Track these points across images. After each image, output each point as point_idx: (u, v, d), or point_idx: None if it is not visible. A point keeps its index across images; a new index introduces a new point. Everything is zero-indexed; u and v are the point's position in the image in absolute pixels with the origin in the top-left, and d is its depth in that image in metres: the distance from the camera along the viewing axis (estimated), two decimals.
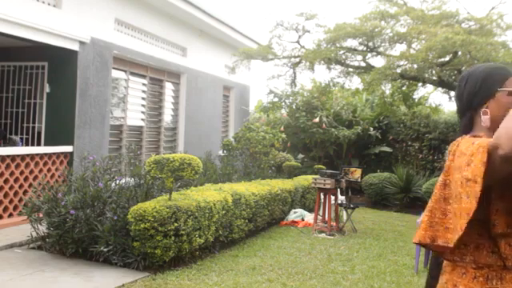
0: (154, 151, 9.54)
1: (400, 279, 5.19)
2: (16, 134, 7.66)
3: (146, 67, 9.32)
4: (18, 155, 6.51)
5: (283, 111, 13.16)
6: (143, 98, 9.32)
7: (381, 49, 10.25)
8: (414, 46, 9.96)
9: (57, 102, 7.43)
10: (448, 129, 11.69)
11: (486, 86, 1.69)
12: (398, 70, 9.59)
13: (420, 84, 10.80)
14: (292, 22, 10.65)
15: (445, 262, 1.68)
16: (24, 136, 7.65)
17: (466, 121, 1.74)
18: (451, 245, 1.52)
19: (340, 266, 5.57)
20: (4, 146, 7.27)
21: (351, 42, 10.19)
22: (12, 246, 5.58)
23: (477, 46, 8.19)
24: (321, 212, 7.92)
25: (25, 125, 7.69)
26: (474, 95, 1.71)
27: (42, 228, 5.59)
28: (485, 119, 1.68)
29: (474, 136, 1.65)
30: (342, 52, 10.13)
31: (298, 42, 10.85)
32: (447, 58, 9.40)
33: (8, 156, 6.35)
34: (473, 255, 1.58)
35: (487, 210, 1.54)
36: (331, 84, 11.69)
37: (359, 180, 7.97)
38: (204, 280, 4.81)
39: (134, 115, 9.08)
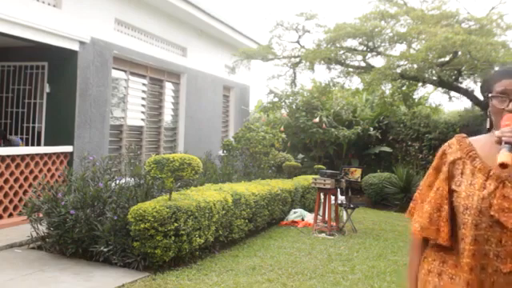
0: (154, 151, 9.54)
1: (400, 279, 5.19)
2: (16, 134, 7.66)
3: (146, 67, 9.32)
4: (18, 155, 6.51)
5: (283, 111, 13.15)
6: (143, 98, 9.32)
7: (381, 49, 10.24)
8: (414, 45, 9.96)
9: (57, 102, 7.43)
10: (448, 129, 11.68)
11: (485, 88, 1.73)
12: (398, 70, 9.58)
13: (420, 84, 10.79)
14: (292, 22, 10.65)
15: (426, 251, 1.73)
16: (24, 136, 7.65)
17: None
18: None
19: (340, 266, 5.58)
20: (4, 146, 7.27)
21: (351, 42, 10.18)
22: (12, 245, 5.58)
23: (477, 46, 8.18)
24: (321, 212, 7.92)
25: (25, 125, 7.68)
26: (483, 95, 1.80)
27: (42, 228, 5.59)
28: (488, 121, 1.74)
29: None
30: (342, 52, 10.12)
31: (298, 41, 10.84)
32: (447, 58, 9.39)
33: (8, 156, 6.35)
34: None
35: None
36: (331, 84, 11.66)
37: (359, 180, 7.97)
38: (204, 280, 4.81)
39: (134, 115, 9.08)
